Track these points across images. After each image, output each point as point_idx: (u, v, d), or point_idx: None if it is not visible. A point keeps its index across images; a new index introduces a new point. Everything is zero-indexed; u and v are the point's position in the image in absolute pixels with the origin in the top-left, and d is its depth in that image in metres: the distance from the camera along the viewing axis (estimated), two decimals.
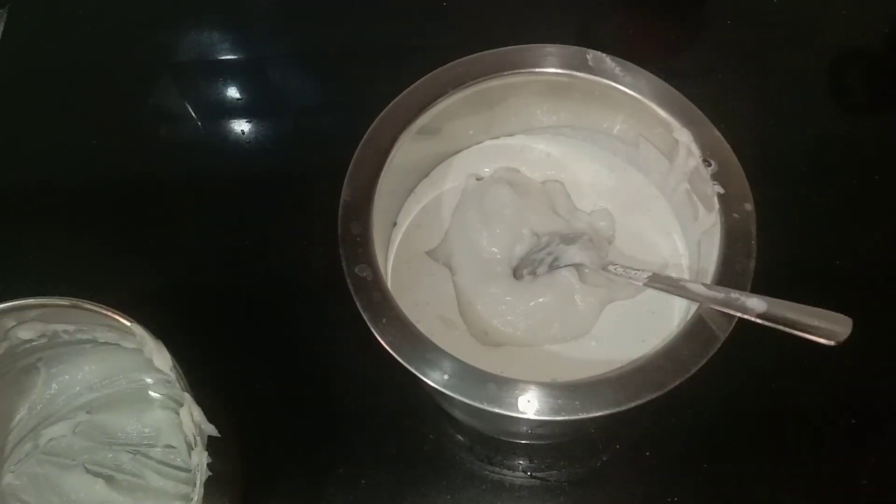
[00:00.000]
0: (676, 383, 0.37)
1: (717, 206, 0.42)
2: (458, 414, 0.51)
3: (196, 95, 0.69)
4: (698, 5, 0.73)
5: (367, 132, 0.46)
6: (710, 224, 0.43)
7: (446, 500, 0.50)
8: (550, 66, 0.47)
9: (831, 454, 0.51)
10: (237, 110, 0.68)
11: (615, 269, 0.45)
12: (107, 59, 0.71)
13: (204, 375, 0.43)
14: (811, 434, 0.51)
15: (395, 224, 0.51)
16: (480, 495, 0.50)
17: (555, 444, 0.52)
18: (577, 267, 0.47)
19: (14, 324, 0.44)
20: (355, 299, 0.40)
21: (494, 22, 0.70)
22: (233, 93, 0.68)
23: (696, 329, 0.39)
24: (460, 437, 0.52)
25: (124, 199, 0.63)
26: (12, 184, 0.64)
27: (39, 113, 0.68)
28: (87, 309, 0.42)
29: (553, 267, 0.47)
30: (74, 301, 0.42)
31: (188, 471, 0.49)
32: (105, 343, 0.48)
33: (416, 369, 0.38)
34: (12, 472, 0.48)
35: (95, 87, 0.69)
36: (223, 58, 0.70)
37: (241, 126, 0.66)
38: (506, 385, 0.38)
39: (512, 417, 0.37)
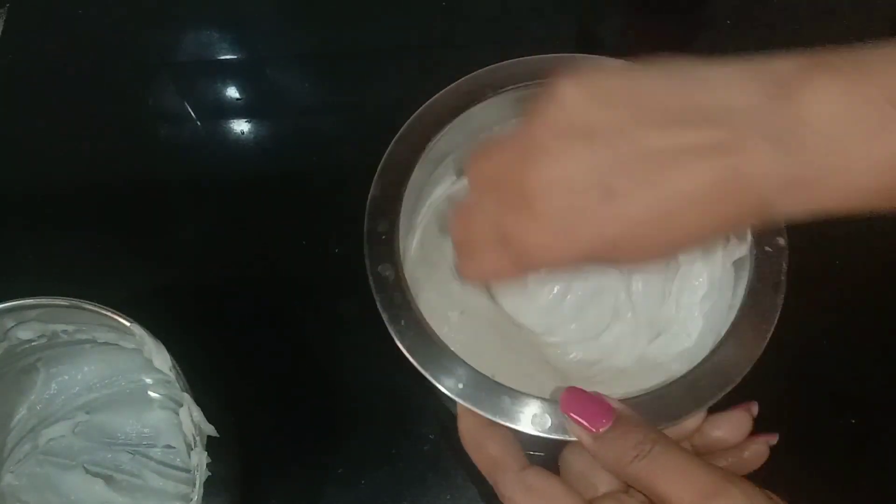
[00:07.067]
0: (692, 414, 0.36)
1: (749, 237, 0.41)
2: None
3: (196, 95, 0.69)
4: (698, 5, 0.72)
5: (402, 128, 0.44)
6: (741, 255, 0.42)
7: (446, 499, 0.50)
8: None
9: (831, 454, 0.51)
10: (237, 110, 0.67)
11: None
12: (107, 59, 0.70)
13: (203, 375, 0.43)
14: (811, 434, 0.51)
15: (416, 224, 0.50)
16: (481, 496, 0.50)
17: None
18: None
19: (13, 324, 0.44)
20: (376, 299, 0.39)
21: (494, 22, 0.70)
22: (233, 93, 0.68)
23: (722, 354, 0.38)
24: None
25: (124, 200, 0.63)
26: (12, 184, 0.64)
27: (39, 113, 0.68)
28: (86, 309, 0.42)
29: None
30: (74, 301, 0.42)
31: (188, 471, 0.49)
32: (104, 343, 0.48)
33: (431, 375, 0.37)
34: (12, 472, 0.48)
35: (95, 87, 0.69)
36: (223, 58, 0.70)
37: (241, 126, 0.66)
38: (520, 400, 0.36)
39: (524, 433, 0.36)
